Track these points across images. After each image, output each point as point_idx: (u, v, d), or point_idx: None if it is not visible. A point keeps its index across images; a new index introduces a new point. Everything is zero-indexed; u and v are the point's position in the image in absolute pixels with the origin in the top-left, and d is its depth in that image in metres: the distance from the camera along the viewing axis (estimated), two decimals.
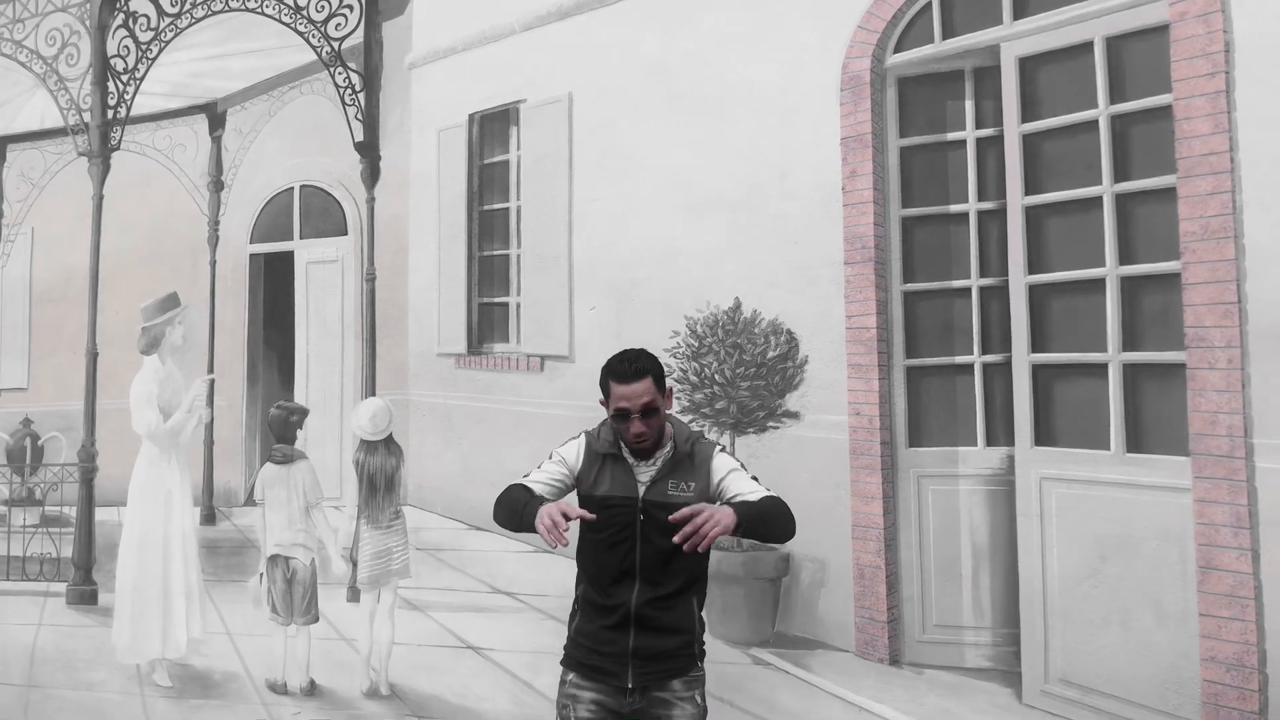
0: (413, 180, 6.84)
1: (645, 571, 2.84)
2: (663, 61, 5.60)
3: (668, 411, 2.95)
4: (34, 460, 6.93)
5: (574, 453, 2.96)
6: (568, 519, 2.70)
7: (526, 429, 5.86)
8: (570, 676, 2.96)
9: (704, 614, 3.01)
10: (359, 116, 6.53)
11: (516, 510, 2.83)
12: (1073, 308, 4.43)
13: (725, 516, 2.67)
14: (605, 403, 2.91)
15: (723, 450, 2.99)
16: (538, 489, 2.92)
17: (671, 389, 2.97)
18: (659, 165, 5.57)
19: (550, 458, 3.00)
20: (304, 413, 5.23)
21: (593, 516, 2.82)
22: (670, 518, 2.69)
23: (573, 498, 2.97)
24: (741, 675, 4.77)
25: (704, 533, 2.62)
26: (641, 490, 2.87)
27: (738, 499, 2.84)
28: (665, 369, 5.28)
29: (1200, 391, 3.89)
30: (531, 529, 2.75)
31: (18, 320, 7.40)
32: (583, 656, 2.92)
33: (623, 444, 2.91)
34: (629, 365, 2.89)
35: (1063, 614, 4.35)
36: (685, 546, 2.64)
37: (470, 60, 6.64)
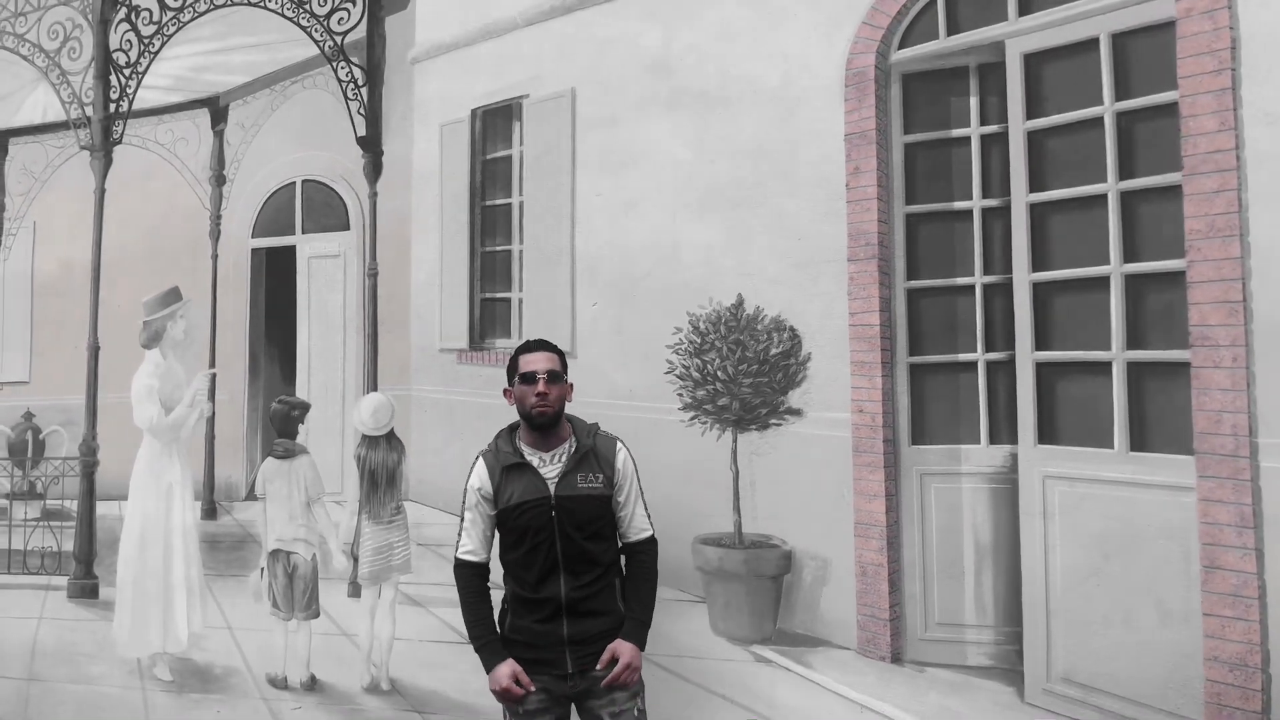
0: (415, 175, 6.83)
1: (568, 563, 3.02)
2: (665, 57, 5.58)
3: (569, 405, 3.12)
4: (35, 454, 6.93)
5: (479, 482, 3.10)
6: (516, 686, 3.02)
7: None
8: None
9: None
10: (361, 111, 6.52)
11: (473, 635, 3.15)
12: (1077, 305, 4.42)
13: (636, 656, 3.04)
14: (510, 389, 3.09)
15: (622, 445, 3.15)
16: (480, 555, 3.12)
17: (571, 384, 3.12)
18: (662, 161, 5.56)
19: (464, 505, 3.14)
20: (305, 407, 5.22)
21: (529, 690, 3.04)
22: (602, 683, 3.02)
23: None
24: (743, 672, 4.77)
25: (632, 678, 3.03)
26: (552, 488, 3.02)
27: (627, 582, 3.13)
28: (668, 365, 5.30)
29: (1205, 390, 3.88)
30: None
31: (19, 314, 7.39)
32: (521, 651, 3.07)
33: (522, 442, 3.06)
34: (535, 340, 3.14)
35: (1065, 613, 4.34)
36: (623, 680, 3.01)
37: (473, 55, 6.63)
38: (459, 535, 3.15)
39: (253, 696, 4.95)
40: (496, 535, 3.11)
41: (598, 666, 3.03)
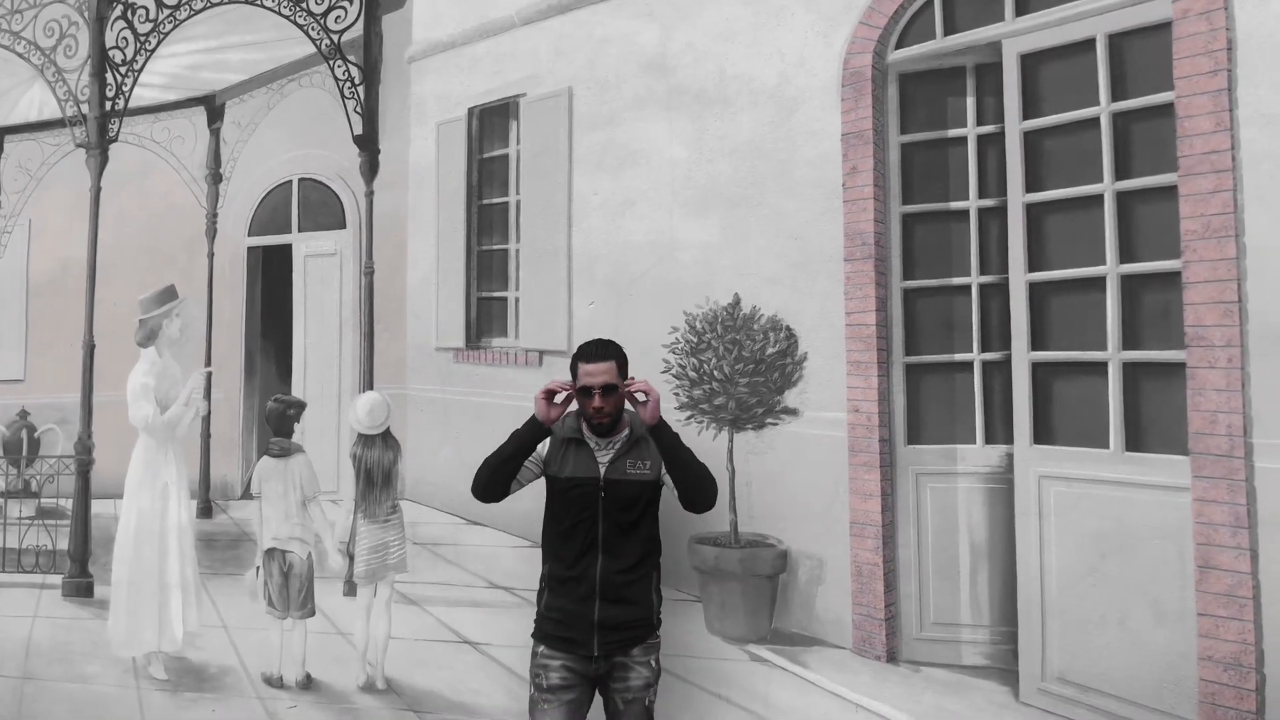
0: (412, 174, 6.83)
1: (607, 545, 3.17)
2: (662, 56, 5.58)
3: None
4: (30, 452, 6.91)
5: (545, 443, 3.29)
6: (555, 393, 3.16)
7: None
8: (540, 649, 3.29)
9: (662, 588, 3.36)
10: (358, 110, 6.51)
11: (503, 450, 3.21)
12: (1073, 306, 4.42)
13: (658, 400, 3.19)
14: (573, 383, 3.25)
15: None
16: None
17: (632, 379, 3.29)
18: (659, 160, 5.56)
19: None
20: (301, 406, 5.22)
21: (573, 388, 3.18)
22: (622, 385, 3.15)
23: (541, 485, 3.33)
24: (738, 672, 4.77)
25: (648, 389, 3.15)
26: (602, 470, 3.21)
27: None
28: (664, 364, 5.29)
29: (1200, 390, 3.88)
30: (527, 444, 3.20)
31: (14, 312, 7.37)
32: (552, 629, 3.24)
33: (585, 427, 3.26)
34: (596, 347, 3.27)
35: (1060, 612, 4.35)
36: (636, 390, 3.14)
37: (470, 54, 6.62)
38: None
39: (248, 695, 4.95)
40: (548, 506, 3.27)
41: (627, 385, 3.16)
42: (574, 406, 3.27)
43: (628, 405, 3.28)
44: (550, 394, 3.15)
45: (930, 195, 4.90)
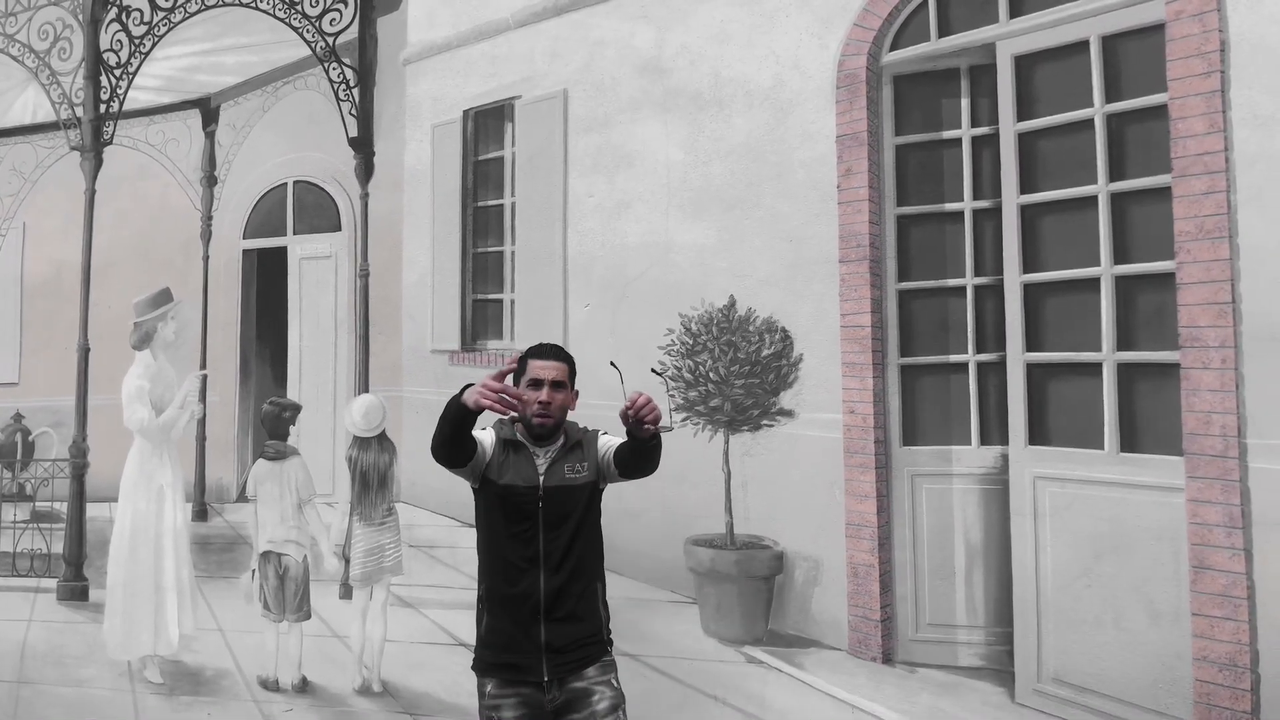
0: (407, 176, 6.83)
1: (549, 558, 2.94)
2: (658, 58, 5.59)
3: (571, 412, 3.07)
4: (25, 456, 6.90)
5: (489, 438, 3.05)
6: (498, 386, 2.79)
7: None
8: (489, 687, 2.99)
9: (608, 602, 3.11)
10: (353, 112, 6.51)
11: (446, 415, 2.90)
12: (1067, 307, 4.43)
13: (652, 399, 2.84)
14: (515, 385, 3.02)
15: (605, 432, 3.11)
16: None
17: (577, 392, 3.10)
18: (654, 162, 5.57)
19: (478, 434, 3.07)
20: (297, 409, 5.21)
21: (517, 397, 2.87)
22: (623, 409, 2.82)
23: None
24: (734, 673, 4.77)
25: (649, 404, 2.80)
26: (541, 478, 2.98)
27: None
28: (660, 366, 5.29)
29: (1194, 391, 3.89)
30: (465, 419, 2.85)
31: (9, 315, 7.36)
32: (494, 656, 2.98)
33: (524, 428, 3.02)
34: (550, 347, 3.08)
35: (1056, 613, 4.35)
36: (645, 415, 2.78)
37: (465, 56, 6.62)
38: None
39: (244, 699, 4.94)
40: (481, 517, 3.04)
41: (626, 407, 2.82)
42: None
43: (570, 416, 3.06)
44: (501, 376, 2.80)
45: (925, 197, 4.91)
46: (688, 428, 5.15)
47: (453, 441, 2.93)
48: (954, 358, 4.84)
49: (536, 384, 2.99)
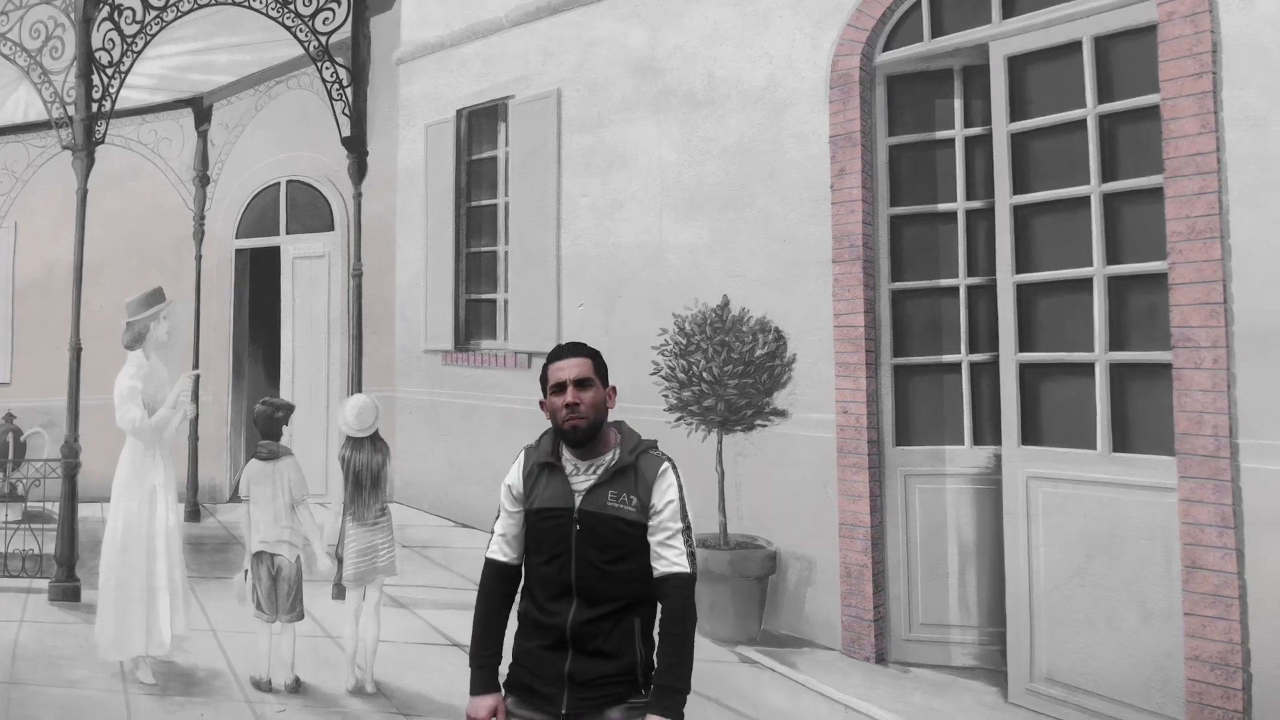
0: (400, 176, 6.82)
1: (582, 588, 2.71)
2: (651, 58, 5.59)
3: (615, 419, 2.86)
4: (16, 456, 6.88)
5: (516, 476, 2.87)
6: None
7: (513, 426, 5.84)
8: (509, 700, 2.84)
9: (652, 637, 2.81)
10: (346, 112, 6.50)
11: (472, 650, 2.89)
12: (1060, 307, 4.44)
13: None
14: (544, 401, 2.85)
15: (671, 469, 2.82)
16: (506, 554, 2.88)
17: (614, 389, 2.87)
18: (647, 162, 5.57)
19: (502, 498, 2.92)
20: (289, 409, 5.20)
21: None
22: None
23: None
24: (727, 673, 4.77)
25: None
26: (578, 500, 2.74)
27: (660, 608, 2.77)
28: (654, 366, 5.28)
29: (1186, 391, 3.90)
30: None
31: (1, 314, 7.34)
32: (518, 677, 2.83)
33: (561, 449, 2.81)
34: (566, 346, 2.88)
35: (1048, 613, 4.36)
36: None
37: (458, 56, 6.61)
38: (491, 531, 2.93)
39: (237, 699, 4.93)
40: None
41: None
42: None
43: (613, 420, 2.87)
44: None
45: (918, 197, 4.92)
46: (681, 428, 5.15)
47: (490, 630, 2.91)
48: (947, 358, 4.85)
49: (559, 388, 2.77)
